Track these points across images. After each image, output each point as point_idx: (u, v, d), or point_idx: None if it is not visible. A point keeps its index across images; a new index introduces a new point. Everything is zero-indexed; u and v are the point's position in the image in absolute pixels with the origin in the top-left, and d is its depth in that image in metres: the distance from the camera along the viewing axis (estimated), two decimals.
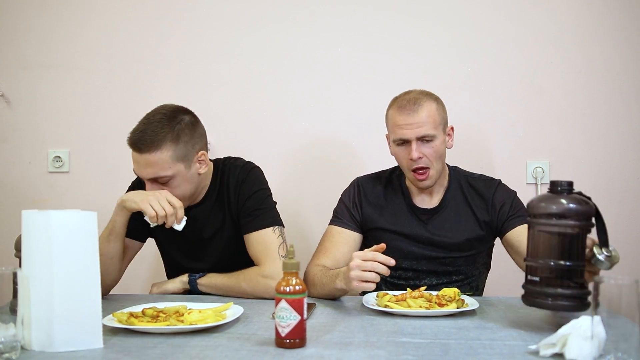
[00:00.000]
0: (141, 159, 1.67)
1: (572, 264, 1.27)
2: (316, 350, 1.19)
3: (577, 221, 1.27)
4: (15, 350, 1.13)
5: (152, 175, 1.68)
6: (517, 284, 1.38)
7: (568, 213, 1.27)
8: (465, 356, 1.16)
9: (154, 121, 1.69)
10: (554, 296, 1.27)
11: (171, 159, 1.67)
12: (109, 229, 1.72)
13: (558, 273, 1.28)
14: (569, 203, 1.27)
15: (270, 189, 1.88)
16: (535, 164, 2.46)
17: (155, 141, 1.65)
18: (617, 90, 2.45)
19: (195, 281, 1.77)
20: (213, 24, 2.54)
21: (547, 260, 1.28)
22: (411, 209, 1.87)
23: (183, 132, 1.70)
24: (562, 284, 1.28)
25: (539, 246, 1.30)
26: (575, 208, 1.27)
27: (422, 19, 2.50)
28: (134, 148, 1.68)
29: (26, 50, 2.57)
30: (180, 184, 1.72)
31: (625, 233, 2.45)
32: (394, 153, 1.83)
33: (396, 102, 1.82)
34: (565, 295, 1.27)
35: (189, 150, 1.72)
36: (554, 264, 1.27)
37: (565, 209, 1.27)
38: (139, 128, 1.69)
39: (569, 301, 1.27)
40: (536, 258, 1.30)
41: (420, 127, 1.75)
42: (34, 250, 1.20)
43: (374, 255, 1.49)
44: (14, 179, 2.58)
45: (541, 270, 1.30)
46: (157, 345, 1.22)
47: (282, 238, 1.78)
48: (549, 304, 1.28)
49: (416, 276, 1.86)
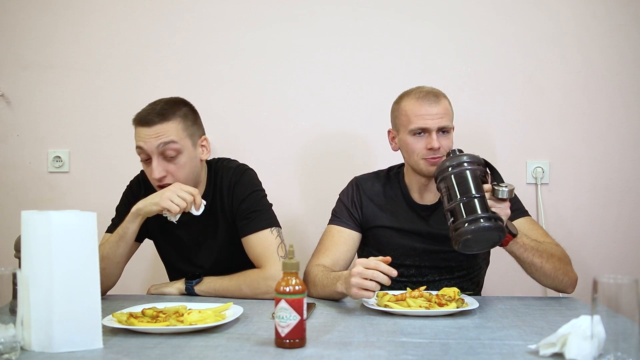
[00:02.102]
0: (151, 131, 1.69)
1: (474, 195, 1.52)
2: (316, 350, 1.19)
3: (469, 165, 1.56)
4: (15, 350, 1.13)
5: (164, 140, 1.68)
6: (517, 284, 1.39)
7: (460, 161, 1.57)
8: (465, 356, 1.16)
9: (160, 103, 1.75)
10: (470, 221, 1.48)
11: (182, 130, 1.72)
12: (120, 234, 1.71)
13: (466, 205, 1.51)
14: (460, 155, 1.60)
15: (265, 190, 1.88)
16: (535, 164, 2.46)
17: (166, 114, 1.71)
18: (617, 90, 2.45)
19: (192, 287, 1.77)
20: (213, 24, 2.54)
21: (454, 200, 1.53)
22: (411, 206, 1.88)
23: (189, 113, 1.78)
24: (473, 211, 1.50)
25: (445, 195, 1.57)
26: (466, 157, 1.58)
27: (422, 19, 2.50)
28: (143, 123, 1.70)
29: (26, 50, 2.57)
30: (186, 162, 1.73)
31: (625, 233, 2.45)
32: (406, 143, 1.81)
33: (413, 94, 1.82)
34: (482, 217, 1.48)
35: (195, 130, 1.77)
36: (459, 199, 1.52)
37: (458, 159, 1.58)
38: (146, 108, 1.74)
39: (488, 222, 1.48)
40: (445, 206, 1.55)
41: (441, 117, 1.77)
42: (33, 250, 1.20)
43: (377, 264, 1.49)
44: (14, 179, 2.58)
45: (451, 211, 1.53)
46: (156, 346, 1.22)
47: (280, 238, 1.78)
48: (468, 229, 1.48)
49: (418, 272, 1.86)
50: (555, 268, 1.69)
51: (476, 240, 1.51)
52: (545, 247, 1.69)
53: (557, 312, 1.54)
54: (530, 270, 1.69)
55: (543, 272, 1.68)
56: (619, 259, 2.45)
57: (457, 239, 1.51)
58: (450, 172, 1.56)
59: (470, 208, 1.51)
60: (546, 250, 1.69)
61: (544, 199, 2.45)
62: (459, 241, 1.51)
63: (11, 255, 1.46)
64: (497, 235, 1.52)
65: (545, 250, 1.68)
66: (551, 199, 2.46)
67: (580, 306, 1.64)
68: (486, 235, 1.51)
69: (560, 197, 2.46)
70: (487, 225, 1.48)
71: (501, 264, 2.00)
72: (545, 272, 1.68)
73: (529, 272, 1.71)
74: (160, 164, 1.70)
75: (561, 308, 1.60)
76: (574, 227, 2.45)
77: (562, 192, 2.47)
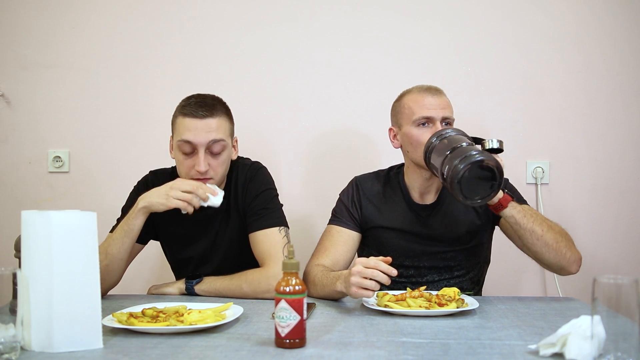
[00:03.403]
0: (201, 124, 1.70)
1: (466, 143, 1.57)
2: (316, 350, 1.19)
3: (455, 131, 1.65)
4: (15, 350, 1.13)
5: (214, 137, 1.71)
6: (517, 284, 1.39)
7: (445, 130, 1.66)
8: (465, 356, 1.16)
9: (206, 97, 1.77)
10: (463, 158, 1.49)
11: (228, 127, 1.77)
12: (125, 230, 1.70)
13: (459, 151, 1.53)
14: (444, 128, 1.70)
15: (277, 190, 1.89)
16: (535, 164, 2.46)
17: (216, 108, 1.74)
18: (617, 90, 2.45)
19: (192, 287, 1.76)
20: (213, 24, 2.54)
21: (451, 149, 1.56)
22: (410, 207, 1.87)
23: (229, 112, 1.81)
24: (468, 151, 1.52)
25: (441, 154, 1.59)
26: (448, 128, 1.67)
27: (422, 19, 2.50)
28: (194, 115, 1.71)
29: (26, 50, 2.58)
30: (226, 159, 1.77)
31: (625, 233, 2.45)
32: (410, 136, 1.80)
33: (414, 89, 1.84)
34: (476, 152, 1.50)
35: (233, 130, 1.82)
36: (455, 148, 1.55)
37: (442, 130, 1.67)
38: (193, 101, 1.75)
39: (480, 155, 1.49)
40: (443, 158, 1.57)
41: (444, 108, 1.80)
42: (33, 250, 1.20)
43: (376, 263, 1.49)
44: (14, 179, 2.58)
45: (448, 157, 1.55)
46: (156, 346, 1.22)
47: (287, 239, 1.78)
48: (465, 164, 1.48)
49: (418, 273, 1.86)
50: (556, 240, 1.67)
51: (473, 181, 1.51)
52: (546, 219, 1.70)
53: (557, 312, 1.54)
54: (531, 240, 1.66)
55: (544, 241, 1.65)
56: (619, 259, 2.45)
57: (453, 182, 1.50)
58: (438, 139, 1.62)
59: (461, 152, 1.53)
60: (546, 221, 1.69)
61: (544, 199, 2.45)
62: (456, 182, 1.50)
63: (11, 255, 1.46)
64: (496, 174, 1.52)
65: (545, 220, 1.69)
66: (551, 199, 2.46)
67: (580, 306, 1.64)
68: (484, 174, 1.51)
69: (560, 197, 2.46)
70: (481, 158, 1.49)
71: (501, 264, 2.00)
72: (547, 242, 1.65)
73: (530, 243, 1.67)
74: (206, 158, 1.72)
75: (561, 308, 1.60)
76: (574, 227, 2.44)
77: (562, 192, 2.47)
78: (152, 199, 1.66)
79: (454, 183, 1.51)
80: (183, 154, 1.74)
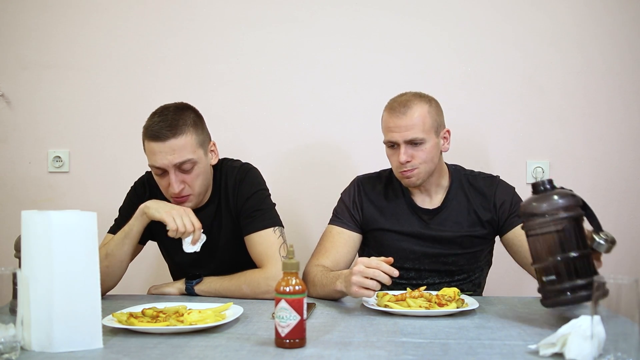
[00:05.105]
0: (165, 147, 1.67)
1: (579, 253, 1.30)
2: (316, 350, 1.19)
3: (571, 212, 1.32)
4: (15, 350, 1.13)
5: (179, 159, 1.68)
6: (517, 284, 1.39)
7: (560, 207, 1.31)
8: (465, 356, 1.16)
9: (169, 113, 1.71)
10: (573, 289, 1.29)
11: (195, 142, 1.71)
12: (125, 232, 1.71)
13: (569, 266, 1.30)
14: (558, 198, 1.32)
15: (269, 190, 1.88)
16: (535, 164, 2.46)
17: (178, 126, 1.68)
18: (617, 90, 2.45)
19: (192, 288, 1.77)
20: (213, 24, 2.54)
21: (555, 256, 1.31)
22: (412, 209, 1.87)
23: (197, 120, 1.75)
24: (577, 275, 1.30)
25: (542, 247, 1.33)
26: (565, 201, 1.32)
27: (422, 19, 2.50)
28: (156, 138, 1.67)
29: (26, 50, 2.57)
30: (200, 172, 1.74)
31: (625, 233, 2.45)
32: (387, 155, 1.84)
33: (388, 104, 1.82)
34: (584, 285, 1.29)
35: (204, 138, 1.77)
36: (561, 258, 1.30)
37: (557, 204, 1.32)
38: (156, 120, 1.70)
39: (587, 290, 1.28)
40: (543, 259, 1.33)
41: (408, 130, 1.74)
42: (33, 250, 1.20)
43: (378, 263, 1.49)
44: (14, 179, 2.58)
45: (553, 268, 1.31)
46: (156, 346, 1.22)
47: (283, 238, 1.78)
48: (569, 298, 1.30)
49: (418, 276, 1.86)
50: None
51: None
52: None
53: (557, 312, 1.54)
54: None
55: None
56: (619, 259, 2.45)
57: (551, 302, 1.35)
58: (546, 223, 1.31)
59: (570, 270, 1.30)
60: None
61: None
62: (552, 303, 1.35)
63: (11, 255, 1.46)
64: None
65: None
66: None
67: (580, 306, 1.63)
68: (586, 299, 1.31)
69: None
70: (586, 295, 1.29)
71: (501, 264, 2.00)
72: None
73: None
74: (178, 177, 1.70)
75: (561, 308, 1.60)
76: None
77: None
78: (153, 205, 1.67)
79: (550, 301, 1.35)
80: (156, 175, 1.74)
